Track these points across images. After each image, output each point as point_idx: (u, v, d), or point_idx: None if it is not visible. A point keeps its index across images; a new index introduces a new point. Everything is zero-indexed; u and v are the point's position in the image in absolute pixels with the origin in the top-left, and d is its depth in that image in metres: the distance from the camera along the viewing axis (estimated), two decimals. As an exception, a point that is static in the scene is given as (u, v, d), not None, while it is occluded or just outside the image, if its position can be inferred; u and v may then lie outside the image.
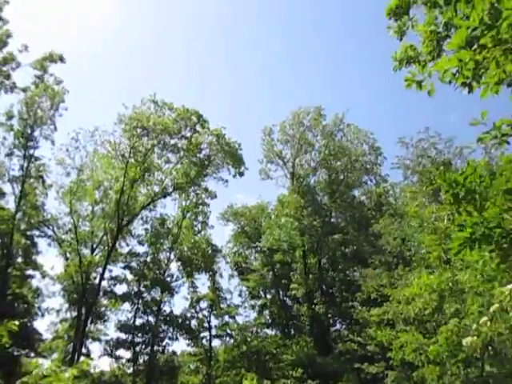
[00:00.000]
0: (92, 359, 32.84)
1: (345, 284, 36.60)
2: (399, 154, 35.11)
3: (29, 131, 30.88)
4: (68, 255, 34.19)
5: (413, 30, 5.74)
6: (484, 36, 4.96)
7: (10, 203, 31.12)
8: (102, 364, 45.79)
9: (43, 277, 33.67)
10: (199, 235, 40.32)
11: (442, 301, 13.14)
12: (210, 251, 39.70)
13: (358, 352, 27.51)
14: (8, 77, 28.30)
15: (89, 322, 33.03)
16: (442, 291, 13.09)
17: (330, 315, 36.05)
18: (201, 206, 39.42)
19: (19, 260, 32.46)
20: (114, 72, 68.01)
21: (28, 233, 32.55)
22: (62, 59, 29.90)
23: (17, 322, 7.06)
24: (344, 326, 37.46)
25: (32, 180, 32.05)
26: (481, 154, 22.21)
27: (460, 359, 11.39)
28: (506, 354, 10.78)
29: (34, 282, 33.56)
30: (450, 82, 5.15)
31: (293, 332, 37.38)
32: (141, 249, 38.65)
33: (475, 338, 6.18)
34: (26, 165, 30.94)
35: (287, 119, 40.32)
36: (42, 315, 33.32)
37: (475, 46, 5.07)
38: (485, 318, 6.43)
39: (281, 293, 39.44)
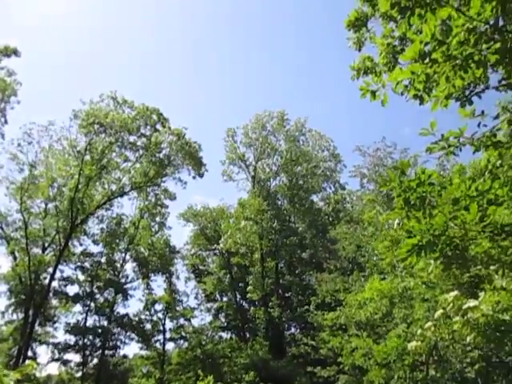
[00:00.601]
0: (38, 364, 31.53)
1: (301, 288, 36.99)
2: (356, 163, 36.09)
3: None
4: (17, 254, 32.69)
5: (371, 41, 5.88)
6: (435, 51, 5.15)
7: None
8: (49, 368, 44.01)
9: (-12, 276, 32.05)
10: (157, 236, 39.74)
11: (392, 306, 13.51)
12: (167, 252, 39.18)
13: (310, 356, 27.82)
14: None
15: (36, 324, 31.68)
16: (393, 297, 13.47)
17: (285, 319, 36.29)
18: (159, 207, 38.85)
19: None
20: (72, 68, 65.87)
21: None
22: (16, 53, 28.64)
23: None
24: (299, 330, 37.85)
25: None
26: (435, 164, 23.10)
27: (406, 363, 11.74)
28: (449, 359, 11.21)
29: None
30: (402, 94, 5.30)
31: (248, 335, 37.40)
32: (95, 249, 37.65)
33: (420, 342, 6.40)
34: (-29, 158, 29.34)
35: (250, 122, 40.45)
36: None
37: (427, 60, 5.26)
38: (429, 324, 6.67)
39: (237, 296, 39.38)
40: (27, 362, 27.13)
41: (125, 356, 37.70)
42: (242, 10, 73.23)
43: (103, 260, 37.88)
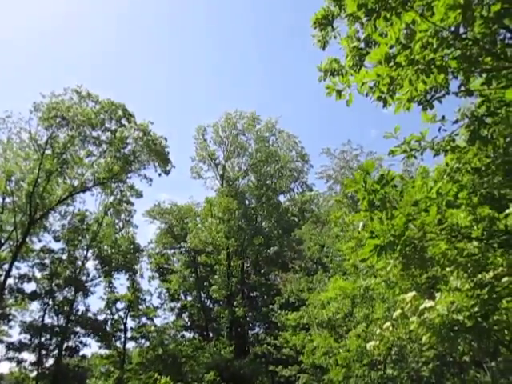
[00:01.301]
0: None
1: (266, 288, 37.10)
2: (324, 163, 36.55)
3: None
4: (-30, 250, 31.25)
5: (335, 40, 5.90)
6: (400, 54, 5.23)
7: None
8: (1, 367, 42.38)
9: None
10: (121, 233, 38.89)
11: (353, 306, 13.72)
12: (131, 250, 38.42)
13: (273, 355, 27.94)
14: None
15: (-10, 322, 30.40)
16: (355, 297, 13.68)
17: (249, 318, 36.32)
18: (124, 204, 38.04)
19: None
20: (35, 61, 63.74)
21: None
22: None
23: None
24: (262, 330, 37.94)
25: None
26: (400, 169, 23.69)
27: (365, 363, 11.95)
28: (405, 358, 11.49)
29: None
30: (366, 95, 5.35)
31: (211, 335, 37.19)
32: (56, 245, 36.46)
33: (378, 342, 6.50)
34: None
35: (220, 120, 40.25)
36: None
37: (392, 63, 5.34)
38: (387, 324, 6.78)
39: (202, 295, 39.11)
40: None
41: (84, 356, 36.67)
42: (213, 9, 72.95)
43: (64, 257, 36.72)
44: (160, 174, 33.35)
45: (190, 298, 40.52)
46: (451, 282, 6.17)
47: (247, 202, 40.74)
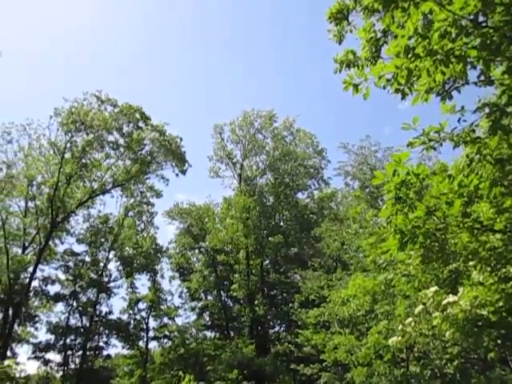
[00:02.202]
0: (18, 364, 30.85)
1: (286, 286, 37.02)
2: (340, 160, 36.28)
3: None
4: (-5, 253, 32.04)
5: (351, 34, 5.85)
6: (418, 45, 5.15)
7: None
8: (29, 368, 43.28)
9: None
10: (142, 234, 39.32)
11: (374, 303, 13.57)
12: (153, 251, 38.82)
13: (294, 353, 27.87)
14: None
15: (16, 323, 31.08)
16: (375, 294, 13.53)
17: (270, 317, 36.28)
18: (145, 205, 38.49)
19: None
20: (55, 68, 64.93)
21: None
22: None
23: None
24: (283, 328, 37.88)
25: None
26: (415, 164, 23.34)
27: (387, 360, 11.82)
28: (428, 355, 11.32)
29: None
30: (384, 88, 5.29)
31: (232, 334, 37.29)
32: (79, 248, 37.19)
33: (400, 337, 6.42)
34: None
35: (237, 119, 40.20)
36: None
37: (411, 55, 5.26)
38: (409, 319, 6.69)
39: (222, 294, 39.24)
40: (6, 361, 26.57)
41: (108, 356, 37.24)
42: (226, 9, 73.16)
43: (87, 259, 37.41)
44: (177, 175, 33.66)
45: (210, 298, 40.69)
46: (474, 276, 6.05)
47: (265, 200, 40.69)
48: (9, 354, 30.62)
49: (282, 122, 40.68)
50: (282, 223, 40.59)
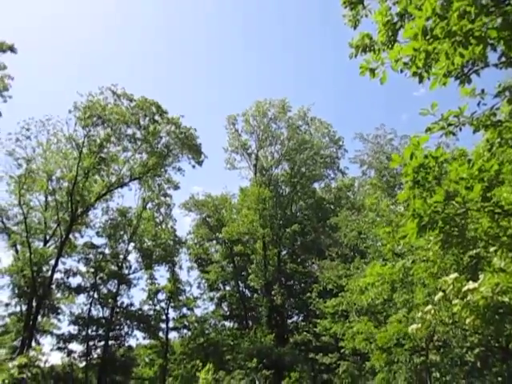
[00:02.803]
0: (43, 354, 31.68)
1: (303, 276, 37.05)
2: (357, 148, 35.91)
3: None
4: (18, 247, 32.77)
5: (367, 19, 5.74)
6: (436, 26, 5.02)
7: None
8: (53, 358, 44.41)
9: (-11, 270, 32.11)
10: (161, 226, 39.71)
11: (393, 292, 13.47)
12: (171, 243, 39.23)
13: (312, 343, 27.95)
14: None
15: (40, 315, 31.84)
16: (394, 282, 13.41)
17: (287, 307, 36.42)
18: (162, 197, 38.82)
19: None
20: (68, 61, 65.54)
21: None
22: (12, 49, 28.36)
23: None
24: (301, 318, 37.99)
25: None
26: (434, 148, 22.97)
27: (407, 348, 11.75)
28: (449, 344, 11.22)
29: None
30: (401, 71, 5.20)
31: (251, 323, 37.58)
32: (99, 241, 37.75)
33: (420, 325, 6.35)
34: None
35: (251, 110, 40.06)
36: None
37: (429, 36, 5.14)
38: (429, 307, 6.61)
39: (240, 284, 39.49)
40: (32, 352, 27.27)
41: (130, 347, 37.92)
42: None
43: (107, 251, 38.00)
44: (194, 166, 33.79)
45: (228, 288, 41.02)
46: (495, 262, 5.94)
47: (281, 190, 40.61)
48: (33, 345, 31.46)
49: (297, 111, 40.44)
50: (298, 213, 40.51)
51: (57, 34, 66.12)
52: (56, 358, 45.32)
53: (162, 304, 38.40)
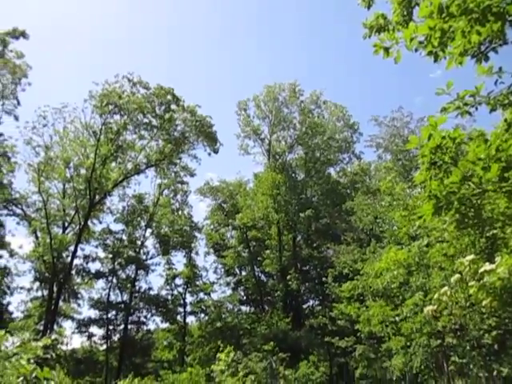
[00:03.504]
0: (65, 336, 32.66)
1: (318, 261, 37.10)
2: (371, 133, 35.51)
3: (-10, 106, 29.25)
4: (38, 234, 33.49)
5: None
6: (452, 4, 4.92)
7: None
8: (74, 342, 45.65)
9: (11, 255, 32.93)
10: (177, 213, 40.12)
11: (409, 275, 13.45)
12: (188, 228, 39.64)
13: (328, 327, 28.12)
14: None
15: (61, 300, 32.64)
16: (410, 266, 13.38)
17: (303, 291, 36.60)
18: (179, 184, 39.14)
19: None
20: (83, 48, 65.77)
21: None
22: (24, 35, 28.66)
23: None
24: (317, 302, 38.18)
25: (-3, 158, 30.78)
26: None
27: (425, 332, 11.77)
28: (466, 327, 11.20)
29: (2, 262, 32.79)
30: (416, 51, 5.12)
31: (267, 308, 37.93)
32: (117, 226, 38.32)
33: (435, 306, 6.37)
34: (-13, 141, 29.52)
35: (261, 94, 39.66)
36: (12, 294, 32.73)
37: (445, 14, 5.03)
38: (445, 288, 6.61)
39: (256, 269, 39.77)
40: (54, 335, 28.10)
41: (149, 331, 38.66)
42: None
43: (124, 237, 38.56)
44: (210, 154, 33.93)
45: (244, 273, 41.37)
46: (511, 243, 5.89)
47: (295, 175, 40.41)
48: (55, 328, 32.36)
49: (309, 95, 39.86)
50: (313, 198, 40.36)
51: (67, 23, 66.35)
52: (77, 342, 46.57)
53: (180, 289, 39.03)
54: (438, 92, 5.09)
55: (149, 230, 39.01)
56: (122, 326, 36.50)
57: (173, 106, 32.50)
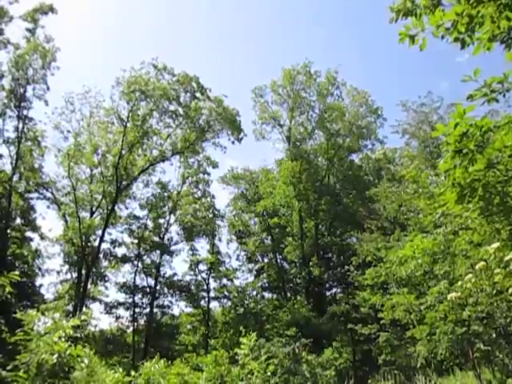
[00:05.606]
0: (93, 317, 33.70)
1: (341, 248, 37.02)
2: (393, 117, 34.76)
3: (21, 91, 29.78)
4: (67, 218, 34.47)
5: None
6: (481, -11, 4.85)
7: (6, 166, 30.60)
8: (101, 324, 47.05)
9: (42, 238, 34.01)
10: (200, 201, 40.60)
11: (433, 264, 13.35)
12: (210, 215, 40.10)
13: (351, 314, 28.16)
14: (1, 31, 27.56)
15: (89, 282, 33.66)
16: (435, 254, 13.27)
17: (325, 279, 36.67)
18: (201, 174, 39.50)
19: (18, 221, 32.55)
20: (111, 31, 66.42)
21: (26, 195, 32.51)
22: (52, 10, 29.02)
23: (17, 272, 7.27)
24: (339, 290, 38.18)
25: (29, 142, 31.66)
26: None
27: (450, 319, 11.73)
28: (492, 315, 11.11)
29: (33, 244, 33.89)
30: (442, 37, 5.07)
31: (289, 295, 38.19)
32: (141, 212, 39.06)
33: (460, 293, 6.39)
34: (20, 126, 30.12)
35: (278, 80, 38.56)
36: (43, 275, 33.91)
37: (473, 0, 4.97)
38: (469, 276, 6.62)
39: (278, 256, 39.98)
40: (83, 316, 29.01)
41: (173, 315, 39.52)
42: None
43: (149, 223, 39.33)
44: (233, 142, 34.14)
45: (266, 260, 41.68)
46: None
47: (317, 162, 39.93)
48: (84, 310, 33.42)
49: (325, 75, 38.46)
50: (336, 185, 39.99)
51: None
52: (105, 324, 47.98)
53: (203, 274, 39.65)
54: (464, 79, 5.06)
55: (172, 217, 39.68)
56: (147, 310, 37.46)
57: (198, 95, 32.72)
